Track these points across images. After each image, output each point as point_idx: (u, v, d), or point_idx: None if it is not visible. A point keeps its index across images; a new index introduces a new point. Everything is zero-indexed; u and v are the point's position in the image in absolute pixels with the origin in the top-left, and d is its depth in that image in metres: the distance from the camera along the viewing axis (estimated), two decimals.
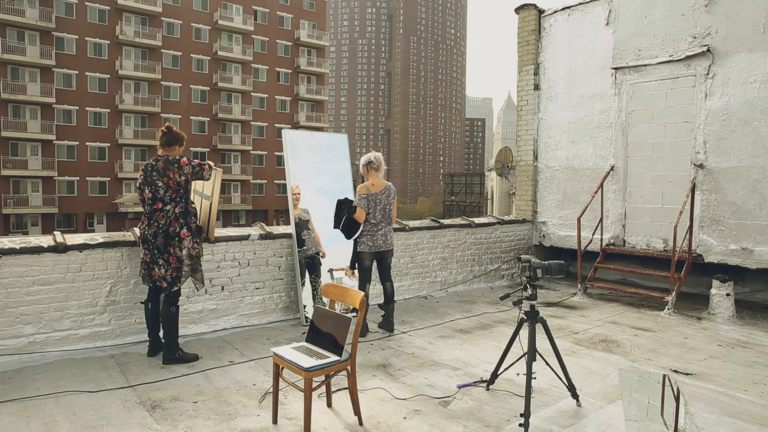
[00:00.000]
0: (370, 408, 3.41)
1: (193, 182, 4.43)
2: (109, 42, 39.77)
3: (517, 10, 8.57)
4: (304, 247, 5.57)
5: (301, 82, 49.39)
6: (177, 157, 4.21)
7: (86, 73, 38.98)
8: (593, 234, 7.31)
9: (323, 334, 3.22)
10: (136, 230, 4.59)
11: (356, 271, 5.29)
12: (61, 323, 4.37)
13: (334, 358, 3.05)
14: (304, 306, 5.48)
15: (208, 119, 44.72)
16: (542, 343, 3.70)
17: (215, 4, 44.47)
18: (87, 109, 39.22)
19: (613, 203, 7.38)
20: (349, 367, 3.13)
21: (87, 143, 39.41)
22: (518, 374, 3.74)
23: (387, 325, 5.18)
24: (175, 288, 4.19)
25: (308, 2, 49.94)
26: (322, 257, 5.71)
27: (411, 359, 4.39)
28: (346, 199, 4.99)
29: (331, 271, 5.76)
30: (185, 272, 4.22)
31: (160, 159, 4.19)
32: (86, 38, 38.89)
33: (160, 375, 3.91)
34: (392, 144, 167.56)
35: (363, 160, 5.14)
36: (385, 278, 5.22)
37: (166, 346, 4.18)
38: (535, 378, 3.20)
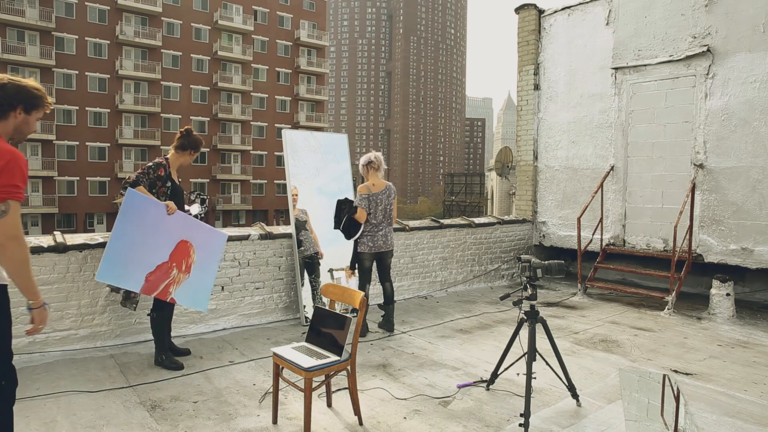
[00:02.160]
0: (370, 408, 3.41)
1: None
2: (109, 42, 39.78)
3: (517, 10, 8.57)
4: (302, 248, 5.57)
5: (301, 82, 49.40)
6: (149, 165, 4.07)
7: (86, 73, 38.99)
8: (593, 234, 7.31)
9: (323, 334, 3.22)
10: None
11: (355, 272, 5.28)
12: (61, 323, 4.37)
13: (334, 358, 3.05)
14: (304, 306, 5.48)
15: (208, 119, 44.71)
16: (542, 343, 3.70)
17: (215, 4, 44.46)
18: (87, 109, 39.22)
19: (613, 203, 7.38)
20: (349, 367, 3.13)
21: (87, 143, 39.41)
22: (518, 374, 3.74)
23: (387, 325, 5.18)
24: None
25: (308, 2, 49.94)
26: (320, 258, 5.70)
27: (411, 359, 4.39)
28: (346, 199, 4.98)
29: (331, 270, 5.76)
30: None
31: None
32: (86, 38, 38.90)
33: (160, 375, 3.91)
34: (392, 144, 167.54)
35: (363, 159, 5.13)
36: (385, 278, 5.21)
37: (155, 348, 4.15)
38: (535, 378, 3.20)
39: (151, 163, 4.07)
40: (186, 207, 4.37)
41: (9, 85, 2.21)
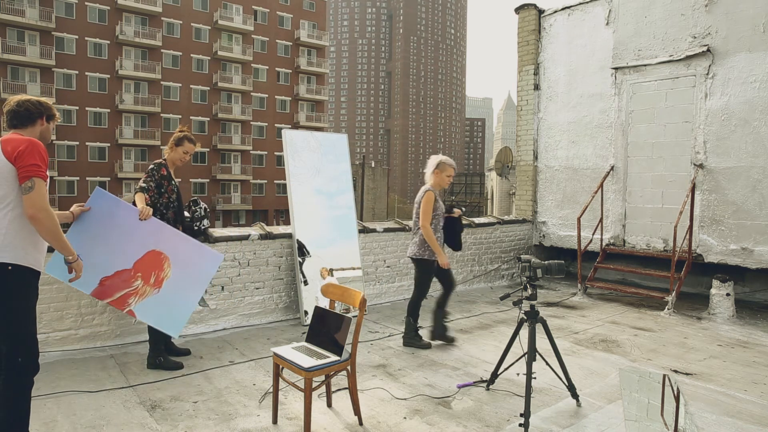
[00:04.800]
0: (370, 408, 3.41)
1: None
2: (109, 42, 39.76)
3: (517, 10, 8.58)
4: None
5: (301, 82, 49.39)
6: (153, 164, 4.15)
7: (86, 73, 38.97)
8: (593, 234, 7.31)
9: (323, 334, 3.22)
10: None
11: (330, 271, 5.51)
12: (61, 323, 4.37)
13: (334, 358, 3.05)
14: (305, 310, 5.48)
15: (208, 119, 44.71)
16: (542, 343, 3.70)
17: (215, 4, 44.45)
18: (87, 109, 39.20)
19: (613, 203, 7.38)
20: (349, 367, 3.13)
21: (87, 143, 39.40)
22: (518, 374, 3.74)
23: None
24: None
25: (308, 2, 49.93)
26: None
27: (411, 359, 4.39)
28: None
29: (331, 270, 5.76)
30: None
31: None
32: (86, 38, 38.89)
33: (160, 375, 3.91)
34: (392, 144, 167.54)
35: None
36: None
37: (150, 350, 4.09)
38: (535, 378, 3.20)
39: (152, 165, 4.13)
40: (186, 214, 4.42)
41: (32, 99, 2.73)
